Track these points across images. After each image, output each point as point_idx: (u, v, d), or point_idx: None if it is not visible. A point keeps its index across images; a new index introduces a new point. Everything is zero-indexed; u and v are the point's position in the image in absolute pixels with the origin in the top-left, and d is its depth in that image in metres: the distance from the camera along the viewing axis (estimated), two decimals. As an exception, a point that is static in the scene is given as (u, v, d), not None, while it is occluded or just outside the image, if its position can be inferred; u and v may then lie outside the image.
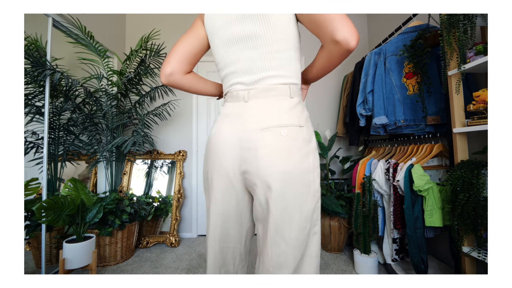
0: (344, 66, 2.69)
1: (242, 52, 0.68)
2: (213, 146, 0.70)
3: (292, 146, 0.62)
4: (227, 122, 0.69)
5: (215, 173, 0.69)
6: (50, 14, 1.68)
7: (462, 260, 1.23)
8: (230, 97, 0.71)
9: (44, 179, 1.62)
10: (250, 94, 0.67)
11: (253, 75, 0.66)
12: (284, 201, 0.62)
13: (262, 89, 0.66)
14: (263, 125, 0.63)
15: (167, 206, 2.40)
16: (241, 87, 0.68)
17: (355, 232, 1.72)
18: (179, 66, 0.72)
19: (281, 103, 0.65)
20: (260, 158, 0.62)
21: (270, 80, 0.66)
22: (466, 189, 1.13)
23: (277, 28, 0.66)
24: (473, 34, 1.14)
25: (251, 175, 0.64)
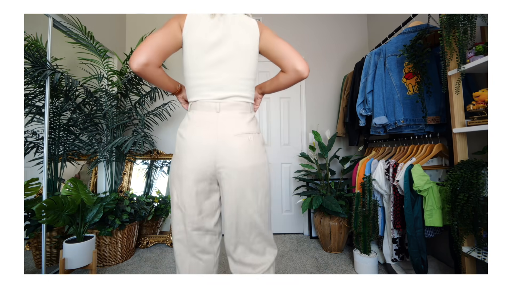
0: (344, 66, 2.69)
1: (218, 72, 0.84)
2: (191, 145, 0.83)
3: (256, 148, 0.86)
4: (204, 127, 0.84)
5: (191, 167, 0.83)
6: (50, 14, 1.68)
7: (462, 260, 1.23)
8: (201, 106, 0.86)
9: (44, 179, 1.62)
10: (221, 106, 0.85)
11: (224, 92, 0.85)
12: (253, 182, 0.85)
13: (231, 104, 0.85)
14: (235, 132, 0.84)
15: (167, 206, 2.40)
16: (212, 100, 0.85)
17: (355, 232, 1.72)
18: (156, 58, 0.78)
19: (244, 115, 0.87)
20: (235, 155, 0.82)
21: (236, 98, 0.86)
22: (466, 189, 1.14)
23: (248, 60, 0.87)
24: (473, 34, 1.14)
25: (227, 169, 0.83)
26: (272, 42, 0.86)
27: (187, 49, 0.86)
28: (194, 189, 0.83)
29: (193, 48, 0.84)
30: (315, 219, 2.21)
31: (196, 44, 0.84)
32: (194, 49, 0.84)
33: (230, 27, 0.86)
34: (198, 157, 0.82)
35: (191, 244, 0.87)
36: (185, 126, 0.86)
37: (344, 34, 2.73)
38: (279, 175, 2.60)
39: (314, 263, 1.88)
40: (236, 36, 0.85)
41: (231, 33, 0.85)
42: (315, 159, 2.26)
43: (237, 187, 0.83)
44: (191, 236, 0.87)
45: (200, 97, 0.86)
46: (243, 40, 0.85)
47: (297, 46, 2.68)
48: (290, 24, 2.70)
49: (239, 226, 0.85)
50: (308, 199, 2.00)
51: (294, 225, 2.57)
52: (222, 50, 0.84)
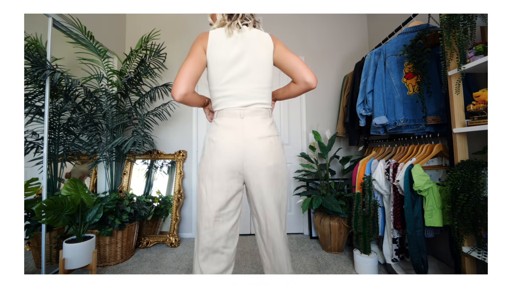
0: (344, 66, 2.69)
1: (240, 84, 0.97)
2: (220, 147, 0.94)
3: (276, 149, 0.99)
4: (231, 132, 0.95)
5: (221, 167, 0.94)
6: (50, 14, 1.68)
7: (462, 260, 1.23)
8: (227, 113, 0.97)
9: (44, 179, 1.62)
10: (244, 113, 0.96)
11: (247, 101, 0.97)
12: (276, 181, 0.98)
13: (253, 110, 0.97)
14: (258, 135, 0.96)
15: (167, 206, 2.40)
16: (237, 107, 0.97)
17: (355, 232, 1.72)
18: (192, 86, 0.92)
19: (264, 120, 0.99)
20: (259, 156, 0.95)
21: (257, 105, 0.98)
22: (466, 189, 1.14)
23: (265, 71, 0.99)
24: (473, 34, 1.14)
25: (253, 167, 0.95)
26: (285, 56, 0.97)
27: (211, 66, 0.97)
28: (224, 185, 0.94)
29: (218, 65, 0.96)
30: (315, 219, 2.20)
31: (219, 62, 0.95)
32: (219, 66, 0.95)
33: (248, 42, 0.96)
34: (228, 157, 0.94)
35: (216, 238, 0.96)
36: (214, 131, 0.97)
37: (344, 34, 2.73)
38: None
39: (314, 263, 1.88)
40: (254, 50, 0.96)
41: (249, 48, 0.96)
42: (315, 159, 2.26)
43: (261, 183, 0.96)
44: (216, 231, 0.95)
45: (226, 106, 0.97)
46: (260, 53, 0.97)
47: (297, 46, 2.68)
48: (290, 24, 2.70)
49: (261, 217, 0.99)
50: (308, 199, 2.00)
51: (294, 225, 2.57)
52: (243, 64, 0.96)
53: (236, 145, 0.94)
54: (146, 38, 2.14)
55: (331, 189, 2.19)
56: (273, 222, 0.98)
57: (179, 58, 2.64)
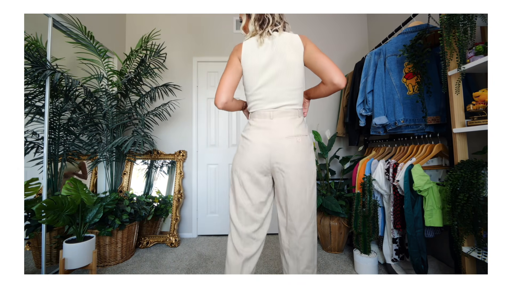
0: (344, 66, 2.69)
1: (270, 88, 1.04)
2: (251, 145, 1.04)
3: (303, 148, 1.03)
4: (261, 132, 1.04)
5: (252, 161, 1.03)
6: (50, 14, 1.68)
7: (462, 260, 1.23)
8: (258, 115, 1.06)
9: (44, 179, 1.62)
10: (274, 114, 1.04)
11: (277, 103, 1.04)
12: (301, 178, 1.03)
13: (282, 111, 1.04)
14: (286, 135, 1.02)
15: (167, 206, 2.40)
16: (267, 109, 1.05)
17: (355, 232, 1.72)
18: (230, 95, 1.03)
19: (294, 120, 1.04)
20: (287, 154, 1.01)
21: (286, 107, 1.04)
22: (466, 189, 1.14)
23: (295, 74, 1.04)
24: (473, 34, 1.14)
25: (280, 165, 1.02)
26: (315, 57, 1.00)
27: (246, 74, 1.06)
28: (253, 178, 1.05)
29: (251, 73, 1.05)
30: (315, 219, 2.20)
31: (253, 69, 1.04)
32: (252, 73, 1.04)
33: (278, 47, 1.03)
34: (256, 155, 1.03)
35: (248, 222, 1.06)
36: (247, 131, 1.08)
37: (344, 34, 2.73)
38: (279, 175, 2.60)
39: (314, 263, 1.88)
40: (283, 55, 1.02)
41: (278, 53, 1.02)
42: (315, 159, 2.26)
43: (288, 180, 1.02)
44: (249, 217, 1.06)
45: (258, 108, 1.06)
46: (289, 57, 1.02)
47: (297, 46, 2.68)
48: (290, 24, 2.69)
49: (289, 210, 1.04)
50: (308, 199, 2.00)
51: (294, 225, 2.57)
52: (272, 69, 1.02)
53: (264, 144, 1.02)
54: (146, 38, 2.15)
55: (331, 189, 2.19)
56: (295, 218, 1.04)
57: (179, 58, 2.64)
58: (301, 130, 1.05)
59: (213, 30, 2.66)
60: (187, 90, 2.61)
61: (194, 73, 2.62)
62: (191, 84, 2.62)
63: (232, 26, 2.67)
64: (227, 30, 2.67)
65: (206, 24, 2.67)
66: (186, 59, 2.64)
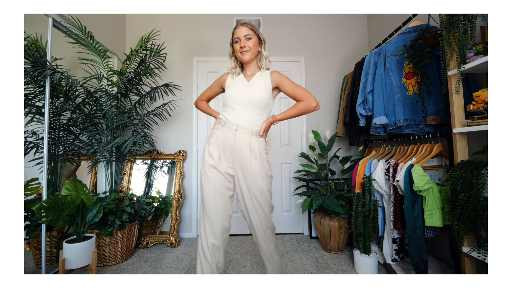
0: (344, 66, 2.69)
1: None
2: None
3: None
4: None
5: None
6: (50, 14, 1.68)
7: (462, 260, 1.23)
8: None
9: (44, 179, 1.62)
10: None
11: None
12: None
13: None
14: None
15: (167, 206, 2.40)
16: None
17: (355, 232, 1.72)
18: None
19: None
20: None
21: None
22: (466, 189, 1.13)
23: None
24: (473, 34, 1.14)
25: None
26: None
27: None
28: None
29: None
30: (315, 219, 2.21)
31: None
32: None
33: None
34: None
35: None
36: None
37: (344, 34, 2.73)
38: (279, 175, 2.60)
39: (314, 263, 1.88)
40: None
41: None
42: (315, 159, 2.26)
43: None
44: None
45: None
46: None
47: (297, 46, 2.68)
48: (290, 24, 2.70)
49: None
50: (308, 199, 2.00)
51: (294, 225, 2.57)
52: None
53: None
54: (146, 38, 2.14)
55: (331, 189, 2.18)
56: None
57: (179, 58, 2.64)
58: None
59: (213, 30, 2.66)
60: (187, 90, 2.61)
61: (194, 73, 2.62)
62: (191, 84, 2.62)
63: (232, 26, 2.67)
64: (227, 30, 2.67)
65: (206, 24, 2.67)
66: (186, 59, 2.64)
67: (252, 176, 1.19)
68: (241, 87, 1.24)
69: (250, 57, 1.24)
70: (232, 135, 1.21)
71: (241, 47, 1.22)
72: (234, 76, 1.31)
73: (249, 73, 1.30)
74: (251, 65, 1.30)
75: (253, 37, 1.23)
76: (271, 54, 2.67)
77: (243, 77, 1.29)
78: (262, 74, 1.28)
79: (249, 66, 1.30)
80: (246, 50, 1.22)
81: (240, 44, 1.22)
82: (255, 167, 1.19)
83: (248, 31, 1.22)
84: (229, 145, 1.21)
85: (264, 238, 1.23)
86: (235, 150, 1.21)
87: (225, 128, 1.23)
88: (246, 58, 1.23)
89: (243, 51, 1.22)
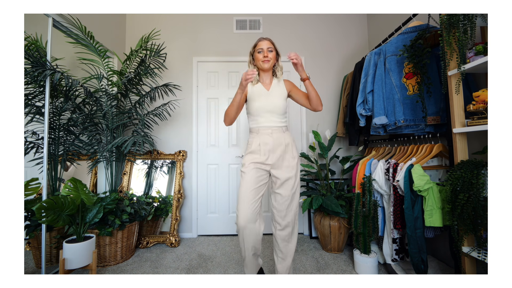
0: (344, 66, 2.69)
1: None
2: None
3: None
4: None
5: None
6: (50, 14, 1.68)
7: (462, 260, 1.23)
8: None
9: (44, 179, 1.62)
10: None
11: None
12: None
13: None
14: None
15: (167, 206, 2.40)
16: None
17: (355, 232, 1.72)
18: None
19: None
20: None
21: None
22: (466, 189, 1.14)
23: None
24: (473, 34, 1.14)
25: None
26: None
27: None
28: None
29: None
30: (315, 219, 2.21)
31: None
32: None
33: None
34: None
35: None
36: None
37: (344, 34, 2.73)
38: (279, 175, 2.60)
39: (314, 263, 1.88)
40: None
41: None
42: (315, 159, 2.26)
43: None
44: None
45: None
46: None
47: (297, 46, 2.68)
48: (290, 24, 2.70)
49: None
50: (308, 199, 2.00)
51: (294, 225, 2.57)
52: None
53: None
54: (146, 38, 2.15)
55: (331, 189, 2.19)
56: None
57: (179, 58, 2.64)
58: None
59: (213, 30, 2.66)
60: (187, 90, 2.61)
61: (194, 73, 2.62)
62: (191, 84, 2.62)
63: (232, 26, 2.67)
64: (227, 30, 2.67)
65: (206, 24, 2.67)
66: (186, 59, 2.64)
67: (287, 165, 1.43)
68: (262, 97, 1.42)
69: (270, 66, 1.40)
70: (270, 137, 1.39)
71: (264, 57, 1.38)
72: (254, 83, 1.46)
73: (267, 81, 1.46)
74: (268, 73, 1.46)
75: (273, 50, 1.41)
76: (271, 54, 2.67)
77: (262, 86, 1.45)
78: (278, 83, 1.47)
79: (266, 73, 1.46)
80: (267, 60, 1.38)
81: (263, 54, 1.38)
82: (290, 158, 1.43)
83: (269, 44, 1.40)
84: (271, 146, 1.39)
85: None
86: (274, 148, 1.39)
87: (261, 134, 1.40)
88: (267, 67, 1.40)
89: (265, 60, 1.38)
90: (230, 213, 2.56)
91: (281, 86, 1.45)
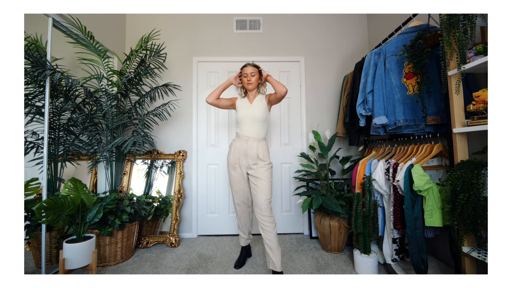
0: (344, 66, 2.69)
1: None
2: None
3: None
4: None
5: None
6: (50, 14, 1.68)
7: (462, 260, 1.23)
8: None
9: (44, 179, 1.62)
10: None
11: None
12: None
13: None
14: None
15: (167, 206, 2.40)
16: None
17: (355, 232, 1.72)
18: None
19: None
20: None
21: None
22: (466, 189, 1.14)
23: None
24: (473, 34, 1.14)
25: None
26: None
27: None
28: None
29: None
30: (315, 219, 2.21)
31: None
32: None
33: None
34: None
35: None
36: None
37: (344, 34, 2.73)
38: (279, 175, 2.60)
39: (314, 263, 1.88)
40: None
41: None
42: (315, 159, 2.26)
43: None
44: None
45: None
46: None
47: (297, 46, 2.69)
48: (290, 24, 2.70)
49: None
50: (308, 199, 2.00)
51: (294, 225, 2.57)
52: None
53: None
54: (146, 38, 2.15)
55: (331, 189, 2.19)
56: None
57: (179, 58, 2.64)
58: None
59: (213, 30, 2.66)
60: (187, 90, 2.61)
61: (194, 73, 2.62)
62: (191, 84, 2.62)
63: (232, 26, 2.67)
64: (227, 30, 2.67)
65: (206, 24, 2.67)
66: (186, 59, 2.64)
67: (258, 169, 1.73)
68: (246, 109, 1.73)
69: (253, 86, 1.74)
70: (245, 143, 1.70)
71: (248, 81, 1.71)
72: (241, 97, 1.82)
73: (251, 97, 1.79)
74: (253, 91, 1.79)
75: (256, 74, 1.72)
76: (271, 54, 2.67)
77: (247, 100, 1.78)
78: (261, 98, 1.77)
79: (251, 92, 1.79)
80: (251, 83, 1.72)
81: (247, 78, 1.71)
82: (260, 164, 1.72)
83: (252, 69, 1.71)
84: (244, 151, 1.70)
85: None
86: (247, 153, 1.70)
87: (240, 139, 1.73)
88: (250, 88, 1.75)
89: (249, 83, 1.72)
90: (230, 213, 2.56)
91: (262, 100, 1.75)
